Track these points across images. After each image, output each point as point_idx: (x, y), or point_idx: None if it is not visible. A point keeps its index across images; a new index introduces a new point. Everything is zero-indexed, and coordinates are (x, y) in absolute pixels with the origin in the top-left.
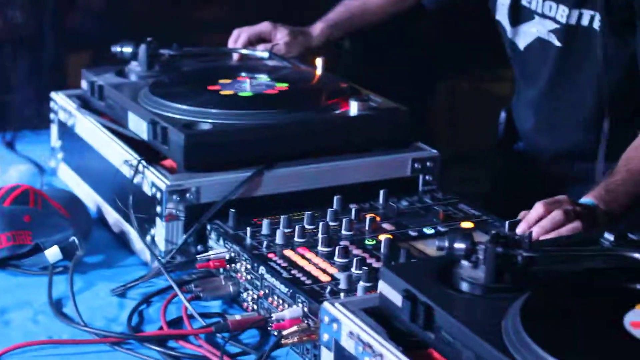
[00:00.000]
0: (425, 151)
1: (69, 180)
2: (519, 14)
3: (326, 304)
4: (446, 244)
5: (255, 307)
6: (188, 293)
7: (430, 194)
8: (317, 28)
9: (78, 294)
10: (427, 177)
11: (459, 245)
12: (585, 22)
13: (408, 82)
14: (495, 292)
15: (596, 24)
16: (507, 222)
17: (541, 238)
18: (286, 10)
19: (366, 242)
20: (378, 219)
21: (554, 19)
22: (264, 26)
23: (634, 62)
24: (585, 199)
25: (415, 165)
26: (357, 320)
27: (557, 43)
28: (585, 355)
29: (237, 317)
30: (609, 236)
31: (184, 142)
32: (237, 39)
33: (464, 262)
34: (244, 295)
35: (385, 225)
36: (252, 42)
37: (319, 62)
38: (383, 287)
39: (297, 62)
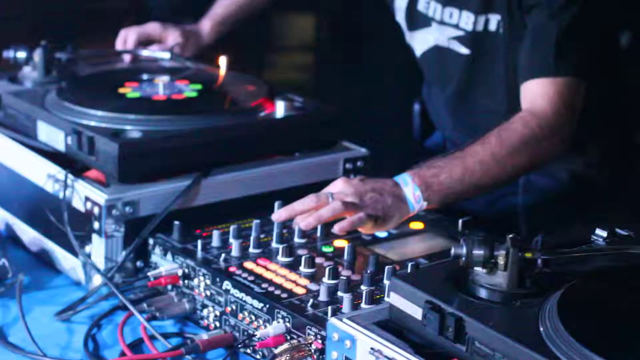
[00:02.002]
0: (355, 150)
1: None
2: (415, 20)
3: (334, 320)
4: (464, 251)
5: (217, 324)
6: (142, 313)
7: None
8: (206, 26)
9: (17, 320)
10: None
11: (478, 252)
12: (492, 27)
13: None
14: (518, 298)
15: (503, 29)
16: (460, 221)
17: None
18: None
19: (323, 249)
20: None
21: (456, 26)
22: (152, 27)
23: None
24: (403, 174)
25: (347, 165)
26: (375, 336)
27: (465, 51)
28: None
29: (205, 336)
30: (602, 232)
31: (118, 152)
32: (125, 40)
33: (479, 269)
34: (204, 312)
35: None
36: (141, 43)
37: (223, 61)
38: (395, 299)
39: (193, 62)
